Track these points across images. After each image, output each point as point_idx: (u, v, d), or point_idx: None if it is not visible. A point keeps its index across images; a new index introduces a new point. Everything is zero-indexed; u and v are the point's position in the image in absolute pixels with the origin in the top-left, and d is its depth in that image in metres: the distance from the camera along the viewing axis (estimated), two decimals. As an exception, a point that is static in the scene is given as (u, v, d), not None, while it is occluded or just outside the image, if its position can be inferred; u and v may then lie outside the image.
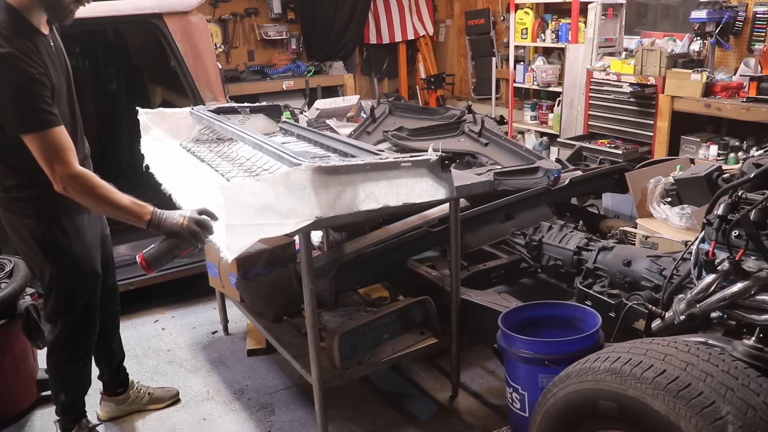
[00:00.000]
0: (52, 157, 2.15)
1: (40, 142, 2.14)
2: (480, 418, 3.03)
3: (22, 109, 2.13)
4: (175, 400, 3.26)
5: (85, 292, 2.59)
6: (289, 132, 3.55)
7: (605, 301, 2.75)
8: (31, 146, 2.15)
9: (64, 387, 2.76)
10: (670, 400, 1.60)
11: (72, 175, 2.17)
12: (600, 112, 5.70)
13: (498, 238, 3.58)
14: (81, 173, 2.20)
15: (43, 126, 2.14)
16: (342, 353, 2.75)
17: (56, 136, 2.16)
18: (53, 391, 2.80)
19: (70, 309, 2.58)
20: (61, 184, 2.17)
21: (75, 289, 2.56)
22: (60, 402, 2.78)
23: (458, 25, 8.51)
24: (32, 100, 2.12)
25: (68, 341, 2.65)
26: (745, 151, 4.67)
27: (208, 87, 4.14)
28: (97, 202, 2.23)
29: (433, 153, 2.45)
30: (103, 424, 3.11)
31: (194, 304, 4.29)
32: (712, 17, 4.92)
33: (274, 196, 2.18)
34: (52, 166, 2.15)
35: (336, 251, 3.41)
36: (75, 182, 2.17)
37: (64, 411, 2.81)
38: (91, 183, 2.21)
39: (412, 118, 4.72)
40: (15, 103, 2.13)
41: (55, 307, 2.56)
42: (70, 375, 2.74)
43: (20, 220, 2.40)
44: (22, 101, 2.12)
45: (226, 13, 7.32)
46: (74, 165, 2.19)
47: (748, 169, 2.17)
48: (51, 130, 2.15)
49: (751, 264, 1.90)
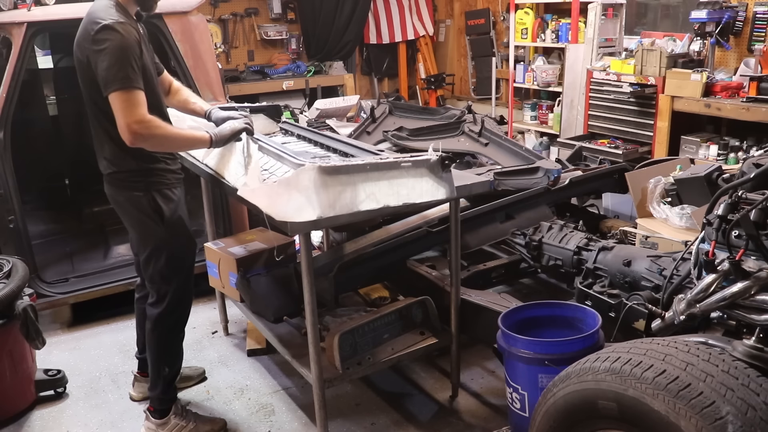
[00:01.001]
0: (129, 109, 2.42)
1: (121, 97, 2.42)
2: (480, 418, 3.03)
3: (116, 70, 2.41)
4: (203, 377, 3.44)
5: (189, 255, 2.90)
6: (289, 132, 3.55)
7: (605, 301, 2.75)
8: (113, 102, 2.42)
9: (168, 360, 2.90)
10: (670, 400, 1.60)
11: (140, 120, 2.44)
12: (600, 112, 5.70)
13: (498, 238, 3.58)
14: (149, 120, 2.47)
15: (127, 85, 2.42)
16: (342, 353, 2.75)
17: (136, 96, 2.44)
18: (155, 368, 2.87)
19: (177, 272, 2.81)
20: (131, 132, 2.42)
21: (181, 252, 2.83)
22: (163, 377, 2.88)
23: (458, 25, 8.51)
24: (126, 64, 2.42)
25: (173, 310, 2.83)
26: (745, 151, 4.67)
27: (208, 87, 4.14)
28: (164, 139, 2.54)
29: (433, 153, 2.45)
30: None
31: (194, 304, 4.27)
32: (712, 17, 4.92)
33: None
34: (126, 117, 2.41)
35: (336, 251, 3.41)
36: (143, 128, 2.44)
37: (167, 386, 2.91)
38: (156, 127, 2.50)
39: (412, 118, 4.72)
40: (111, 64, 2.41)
41: (164, 271, 2.77)
42: (174, 345, 2.93)
43: (131, 194, 2.70)
44: (119, 63, 2.41)
45: (226, 13, 7.32)
46: (145, 115, 2.45)
47: (748, 169, 2.17)
48: (134, 90, 2.43)
49: (751, 264, 1.90)
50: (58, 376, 3.34)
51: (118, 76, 2.40)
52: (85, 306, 4.08)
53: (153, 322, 2.84)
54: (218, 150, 2.91)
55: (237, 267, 3.36)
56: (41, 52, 6.01)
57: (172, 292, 2.81)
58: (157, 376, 2.88)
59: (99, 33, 2.42)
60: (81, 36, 2.53)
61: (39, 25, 3.73)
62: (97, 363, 3.67)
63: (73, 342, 3.91)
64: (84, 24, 2.53)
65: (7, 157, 3.67)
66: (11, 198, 3.69)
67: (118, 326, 4.00)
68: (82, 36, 2.52)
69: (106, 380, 3.50)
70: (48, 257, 4.31)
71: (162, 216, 2.71)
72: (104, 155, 2.69)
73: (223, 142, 2.71)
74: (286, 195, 2.24)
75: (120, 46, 2.42)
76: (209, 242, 3.68)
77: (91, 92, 2.58)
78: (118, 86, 2.40)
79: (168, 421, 2.93)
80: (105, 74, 2.41)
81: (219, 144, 2.71)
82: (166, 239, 2.74)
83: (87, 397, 3.36)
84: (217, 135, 2.68)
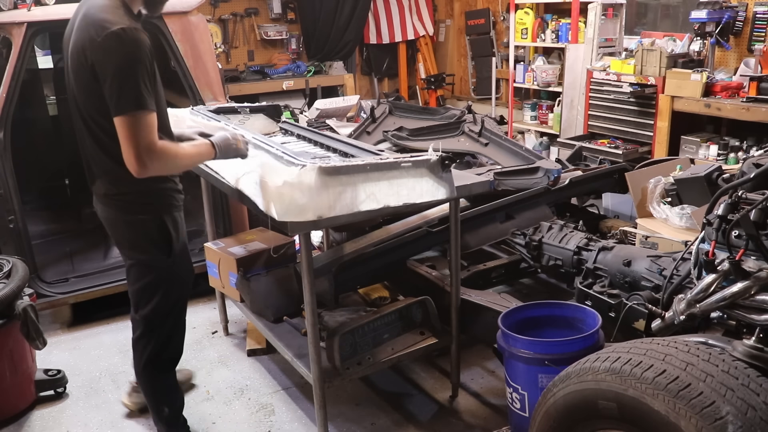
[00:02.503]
0: (140, 137, 2.16)
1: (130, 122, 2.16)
2: (480, 418, 3.03)
3: (129, 88, 2.15)
4: (191, 382, 3.39)
5: (186, 286, 2.67)
6: (289, 132, 3.55)
7: (605, 301, 2.75)
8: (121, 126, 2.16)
9: (167, 399, 2.73)
10: (670, 400, 1.60)
11: (152, 150, 2.17)
12: (600, 112, 5.70)
13: (498, 238, 3.58)
14: (160, 150, 2.21)
15: (140, 108, 2.16)
16: (342, 353, 2.75)
17: (148, 120, 2.18)
18: (154, 409, 2.73)
19: (172, 308, 2.61)
20: (140, 164, 2.16)
21: (183, 285, 2.64)
22: (164, 417, 2.72)
23: (458, 25, 8.51)
24: (140, 81, 2.16)
25: (163, 347, 2.63)
26: (745, 151, 4.66)
27: (208, 87, 4.14)
28: (174, 164, 2.30)
29: (433, 153, 2.45)
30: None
31: (194, 304, 4.29)
32: (712, 17, 4.92)
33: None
34: (135, 148, 2.15)
35: (336, 251, 3.41)
36: (154, 160, 2.18)
37: (171, 425, 2.76)
38: (166, 154, 2.23)
39: (412, 118, 4.72)
40: (124, 82, 2.15)
41: (163, 307, 2.56)
42: (169, 383, 2.74)
43: (136, 218, 2.43)
44: (132, 80, 2.15)
45: (226, 13, 7.32)
46: (156, 144, 2.19)
47: (748, 169, 2.17)
48: (146, 114, 2.17)
49: (751, 264, 1.90)
50: (58, 376, 3.34)
51: (130, 96, 2.13)
52: (85, 306, 4.08)
53: (144, 361, 2.61)
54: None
55: (237, 267, 3.36)
56: (41, 52, 6.01)
57: (167, 329, 2.62)
58: (159, 417, 2.75)
59: (111, 40, 2.12)
60: (81, 39, 2.21)
61: (39, 25, 3.73)
62: (97, 363, 3.67)
63: (73, 342, 3.91)
64: (86, 25, 2.20)
65: (7, 157, 3.67)
66: (11, 198, 3.69)
67: (118, 326, 4.00)
68: (83, 39, 2.21)
69: (106, 380, 3.50)
70: (48, 257, 4.31)
71: (170, 243, 2.47)
72: (102, 174, 2.40)
73: (224, 156, 2.49)
74: (286, 195, 2.24)
75: (136, 60, 2.14)
76: (209, 242, 3.68)
77: (90, 100, 2.28)
78: (129, 109, 2.13)
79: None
80: (116, 92, 2.14)
81: (222, 156, 2.47)
82: (171, 271, 2.52)
83: (87, 397, 3.36)
84: (219, 146, 2.44)
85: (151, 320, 2.59)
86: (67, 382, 3.40)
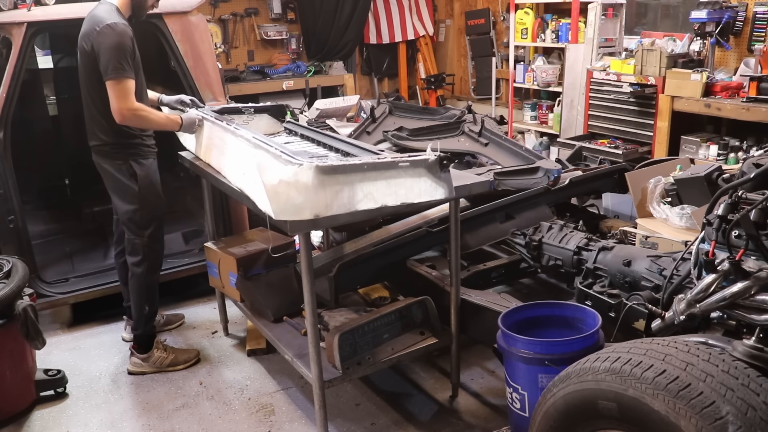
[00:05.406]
0: (123, 96, 3.05)
1: (116, 85, 3.05)
2: (480, 418, 3.02)
3: (116, 61, 3.02)
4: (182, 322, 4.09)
5: (158, 208, 3.42)
6: (293, 132, 3.55)
7: (605, 301, 2.75)
8: (110, 87, 3.05)
9: (149, 298, 3.44)
10: (670, 400, 1.59)
11: (131, 108, 3.09)
12: (600, 112, 5.70)
13: (498, 238, 3.58)
14: (137, 107, 3.12)
15: (122, 75, 3.04)
16: (342, 353, 2.74)
17: (128, 84, 3.07)
18: (137, 309, 3.42)
19: (149, 223, 3.35)
20: (122, 115, 3.07)
21: (152, 205, 3.36)
22: (144, 315, 3.44)
23: (458, 25, 8.51)
24: (123, 57, 3.04)
25: (148, 253, 3.37)
26: (745, 151, 4.66)
27: (208, 87, 4.14)
28: (146, 121, 3.20)
29: (431, 153, 2.44)
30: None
31: (194, 304, 4.30)
32: (712, 17, 4.92)
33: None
34: (120, 102, 3.05)
35: (336, 251, 3.41)
36: (131, 113, 3.09)
37: (148, 322, 3.48)
38: (142, 111, 3.16)
39: (412, 118, 4.72)
40: (112, 56, 3.02)
41: (140, 221, 3.33)
42: (151, 285, 3.45)
43: (113, 162, 3.29)
44: (117, 56, 3.03)
45: (226, 13, 7.32)
46: (134, 102, 3.11)
47: (748, 169, 2.17)
48: (127, 80, 3.06)
49: (751, 264, 1.90)
50: (58, 376, 3.34)
51: (117, 66, 3.02)
52: (85, 306, 4.08)
53: (131, 269, 3.40)
54: (218, 148, 2.94)
55: (237, 267, 3.36)
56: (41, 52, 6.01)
57: (146, 242, 3.35)
58: (140, 315, 3.43)
59: (104, 29, 3.03)
60: (87, 30, 3.12)
61: (39, 25, 3.73)
62: (97, 363, 3.67)
63: (73, 342, 3.91)
64: (89, 22, 3.12)
65: (7, 157, 3.67)
66: (11, 198, 3.70)
67: (118, 326, 4.00)
68: (87, 30, 3.11)
69: (106, 380, 3.50)
70: (48, 257, 4.31)
71: (136, 178, 3.29)
72: (94, 131, 3.28)
73: (188, 128, 3.31)
74: (282, 193, 2.24)
75: (120, 42, 3.04)
76: (209, 242, 3.68)
77: (90, 77, 3.15)
78: (115, 75, 3.02)
79: (151, 354, 3.50)
80: (106, 63, 3.02)
81: (186, 129, 3.31)
82: (140, 196, 3.30)
83: (87, 397, 3.37)
84: (186, 122, 3.29)
85: (131, 230, 3.34)
86: (67, 382, 3.40)
